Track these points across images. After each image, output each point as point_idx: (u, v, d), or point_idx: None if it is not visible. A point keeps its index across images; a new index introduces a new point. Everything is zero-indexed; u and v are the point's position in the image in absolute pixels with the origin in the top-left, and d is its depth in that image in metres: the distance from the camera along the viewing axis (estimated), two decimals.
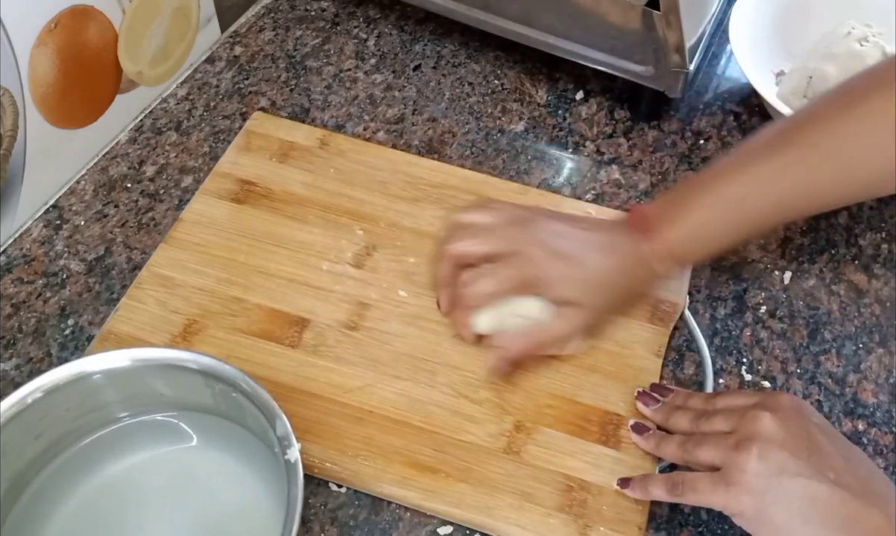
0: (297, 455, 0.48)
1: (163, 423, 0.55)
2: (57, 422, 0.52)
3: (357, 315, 0.63)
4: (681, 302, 0.65)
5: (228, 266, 0.66)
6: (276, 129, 0.75)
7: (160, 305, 0.63)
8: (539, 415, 0.59)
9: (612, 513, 0.54)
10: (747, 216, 0.59)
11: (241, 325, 0.62)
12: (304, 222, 0.69)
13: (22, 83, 0.64)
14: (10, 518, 0.51)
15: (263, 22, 0.88)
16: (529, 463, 0.57)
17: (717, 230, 0.59)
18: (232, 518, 0.54)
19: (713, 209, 0.58)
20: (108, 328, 0.62)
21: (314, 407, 0.58)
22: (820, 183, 0.57)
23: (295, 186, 0.71)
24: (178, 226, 0.68)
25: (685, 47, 0.72)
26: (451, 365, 0.61)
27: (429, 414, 0.58)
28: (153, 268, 0.65)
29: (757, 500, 0.46)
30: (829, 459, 0.47)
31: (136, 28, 0.74)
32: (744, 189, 0.58)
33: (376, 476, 0.56)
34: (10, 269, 0.67)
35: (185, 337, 0.61)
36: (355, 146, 0.75)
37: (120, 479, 0.55)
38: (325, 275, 0.65)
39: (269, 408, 0.50)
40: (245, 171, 0.72)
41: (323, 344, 0.62)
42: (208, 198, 0.70)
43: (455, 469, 0.56)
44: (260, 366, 0.60)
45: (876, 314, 0.67)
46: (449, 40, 0.87)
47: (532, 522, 0.54)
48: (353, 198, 0.70)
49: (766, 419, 0.48)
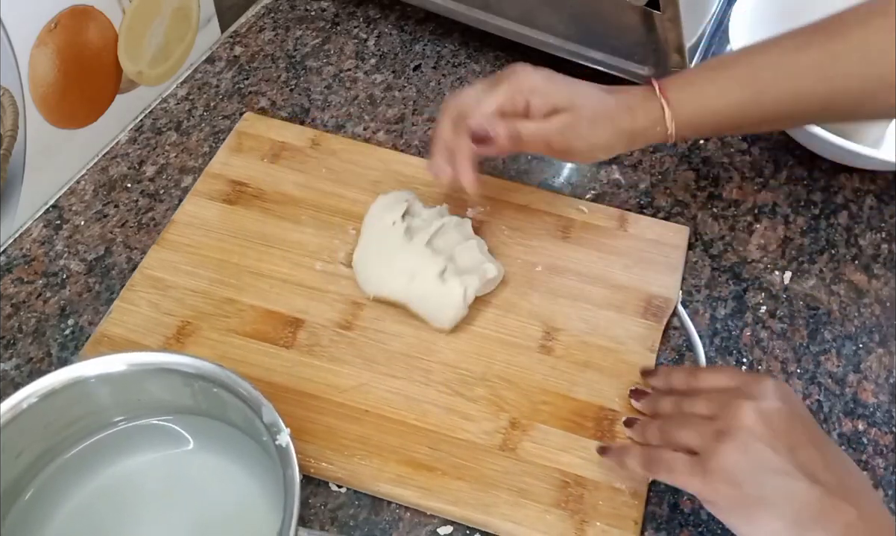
0: (287, 439, 0.48)
1: (159, 427, 0.55)
2: (52, 427, 0.52)
3: (351, 314, 0.63)
4: (673, 297, 0.65)
5: (221, 267, 0.66)
6: (267, 130, 0.75)
7: (153, 307, 0.63)
8: (534, 412, 0.59)
9: (608, 508, 0.55)
10: (759, 100, 0.60)
11: (234, 326, 0.62)
12: (296, 222, 0.69)
13: (22, 83, 0.64)
14: (8, 522, 0.51)
15: (263, 22, 0.88)
16: (525, 460, 0.57)
17: (725, 104, 0.60)
18: (228, 519, 0.54)
19: (727, 83, 0.60)
20: (101, 331, 0.62)
21: (309, 407, 0.58)
22: (840, 77, 0.58)
23: (287, 186, 0.71)
24: (170, 228, 0.68)
25: (685, 47, 0.72)
26: (446, 364, 0.61)
27: (424, 413, 0.58)
28: (145, 271, 0.65)
29: (733, 491, 0.46)
30: (809, 454, 0.47)
31: (136, 28, 0.74)
32: (763, 72, 0.59)
33: (373, 476, 0.56)
34: (10, 269, 0.67)
35: (178, 339, 0.61)
36: (347, 146, 0.75)
37: (116, 483, 0.55)
38: (318, 275, 0.65)
39: (253, 398, 0.50)
40: (236, 172, 0.72)
41: (317, 344, 0.62)
42: (200, 200, 0.70)
43: (451, 467, 0.56)
44: (254, 367, 0.60)
45: (876, 314, 0.67)
46: (449, 40, 0.87)
47: (529, 518, 0.54)
48: (346, 198, 0.70)
49: (749, 410, 0.48)
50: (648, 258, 0.67)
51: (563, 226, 0.69)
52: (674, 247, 0.68)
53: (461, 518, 0.55)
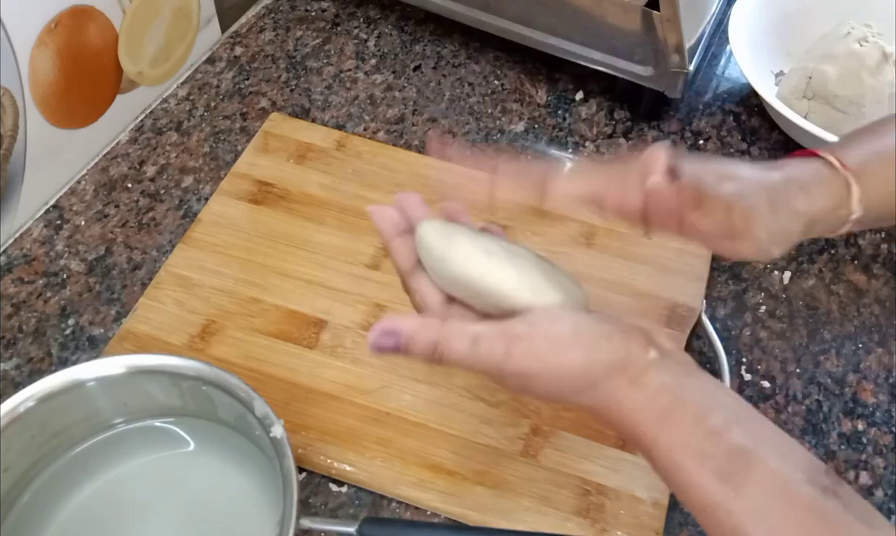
0: (281, 431, 0.48)
1: (159, 429, 0.56)
2: (49, 430, 0.52)
3: (374, 316, 0.63)
4: (697, 306, 0.64)
5: (246, 266, 0.66)
6: (293, 131, 0.76)
7: (178, 305, 0.63)
8: (556, 419, 0.59)
9: (629, 518, 0.54)
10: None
11: (258, 326, 0.63)
12: (321, 223, 0.69)
13: (22, 83, 0.64)
14: (7, 524, 0.51)
15: (264, 22, 0.88)
16: (546, 467, 0.56)
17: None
18: (228, 519, 0.54)
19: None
20: (127, 328, 0.62)
21: (331, 408, 0.58)
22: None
23: (312, 188, 0.71)
24: (196, 227, 0.68)
25: (685, 47, 0.72)
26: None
27: (446, 417, 0.58)
28: (171, 269, 0.66)
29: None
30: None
31: (136, 28, 0.74)
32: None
33: (394, 479, 0.56)
34: (11, 269, 0.67)
35: (203, 338, 0.62)
36: (372, 148, 0.75)
37: (116, 485, 0.55)
38: (342, 277, 0.66)
39: (244, 392, 0.50)
40: (263, 172, 0.72)
41: (340, 346, 0.62)
42: (226, 199, 0.70)
43: (472, 472, 0.56)
44: (278, 367, 0.60)
45: (875, 314, 0.67)
46: (449, 41, 0.87)
47: (549, 526, 0.54)
48: (370, 200, 0.70)
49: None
50: (672, 267, 0.67)
51: (586, 233, 0.69)
52: (697, 256, 0.68)
53: (481, 523, 0.55)
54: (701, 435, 0.39)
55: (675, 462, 0.39)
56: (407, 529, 0.52)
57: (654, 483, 0.56)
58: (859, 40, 0.74)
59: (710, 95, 0.83)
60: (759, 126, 0.80)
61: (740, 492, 0.37)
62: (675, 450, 0.39)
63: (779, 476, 0.38)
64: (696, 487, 0.39)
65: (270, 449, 0.49)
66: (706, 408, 0.40)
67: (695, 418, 0.39)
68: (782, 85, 0.79)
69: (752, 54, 0.77)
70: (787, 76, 0.79)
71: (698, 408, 0.40)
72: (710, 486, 0.38)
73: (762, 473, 0.38)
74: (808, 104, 0.75)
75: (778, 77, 0.81)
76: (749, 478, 0.38)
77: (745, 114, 0.81)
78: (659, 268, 0.67)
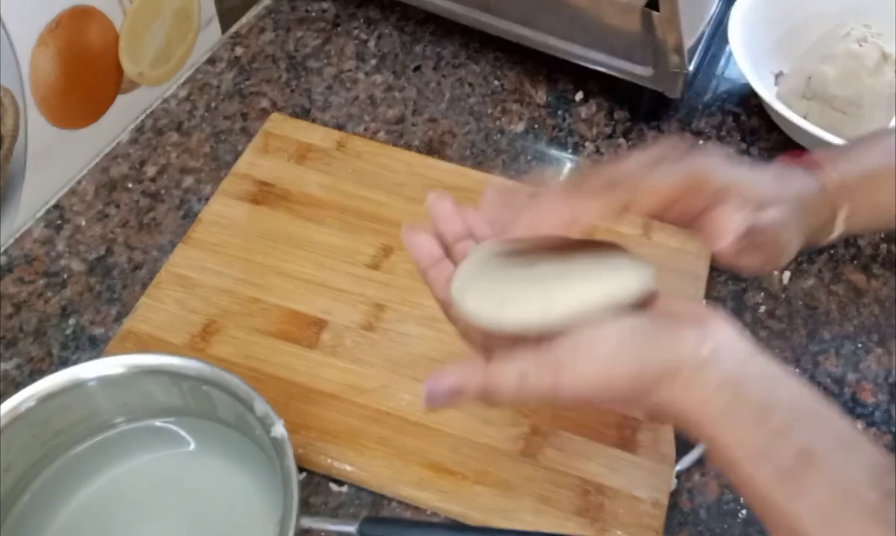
0: (281, 430, 0.48)
1: (160, 429, 0.56)
2: (50, 430, 0.52)
3: (374, 316, 0.63)
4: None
5: (246, 266, 0.66)
6: (293, 131, 0.76)
7: (179, 305, 0.63)
8: (556, 418, 0.58)
9: (629, 517, 0.54)
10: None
11: (259, 325, 0.63)
12: (321, 223, 0.69)
13: (23, 83, 0.64)
14: (8, 524, 0.51)
15: (264, 23, 0.88)
16: (546, 466, 0.56)
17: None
18: (229, 519, 0.54)
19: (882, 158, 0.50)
20: (127, 327, 0.62)
21: (331, 408, 0.59)
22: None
23: (312, 188, 0.71)
24: (197, 227, 0.68)
25: (684, 48, 0.72)
26: None
27: (445, 416, 0.58)
28: (172, 269, 0.66)
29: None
30: None
31: (137, 29, 0.74)
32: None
33: (393, 478, 0.56)
34: (11, 269, 0.67)
35: (203, 338, 0.62)
36: (372, 148, 0.75)
37: (116, 484, 0.55)
38: (342, 277, 0.66)
39: (245, 392, 0.50)
40: (263, 172, 0.72)
41: (340, 345, 0.62)
42: (226, 199, 0.70)
43: (472, 472, 0.56)
44: (278, 367, 0.60)
45: (875, 314, 0.67)
46: (449, 41, 0.87)
47: (549, 525, 0.54)
48: (371, 200, 0.70)
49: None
50: (672, 266, 0.67)
51: (585, 232, 0.69)
52: (697, 256, 0.67)
53: (481, 523, 0.55)
54: (761, 434, 0.38)
55: (734, 459, 0.39)
56: (407, 528, 0.52)
57: (653, 483, 0.56)
58: (858, 41, 0.74)
59: (709, 96, 0.83)
60: (759, 126, 0.80)
61: (799, 494, 0.37)
62: (733, 448, 0.38)
63: (840, 477, 0.37)
64: (754, 485, 0.38)
65: (271, 449, 0.49)
66: (768, 404, 0.39)
67: (755, 418, 0.38)
68: (782, 85, 0.79)
69: (752, 54, 0.77)
70: (786, 76, 0.79)
71: (759, 405, 0.39)
72: (767, 485, 0.37)
73: (823, 474, 0.37)
74: (808, 104, 0.75)
75: (777, 77, 0.81)
76: (809, 479, 0.37)
77: (744, 115, 0.81)
78: (659, 267, 0.66)
